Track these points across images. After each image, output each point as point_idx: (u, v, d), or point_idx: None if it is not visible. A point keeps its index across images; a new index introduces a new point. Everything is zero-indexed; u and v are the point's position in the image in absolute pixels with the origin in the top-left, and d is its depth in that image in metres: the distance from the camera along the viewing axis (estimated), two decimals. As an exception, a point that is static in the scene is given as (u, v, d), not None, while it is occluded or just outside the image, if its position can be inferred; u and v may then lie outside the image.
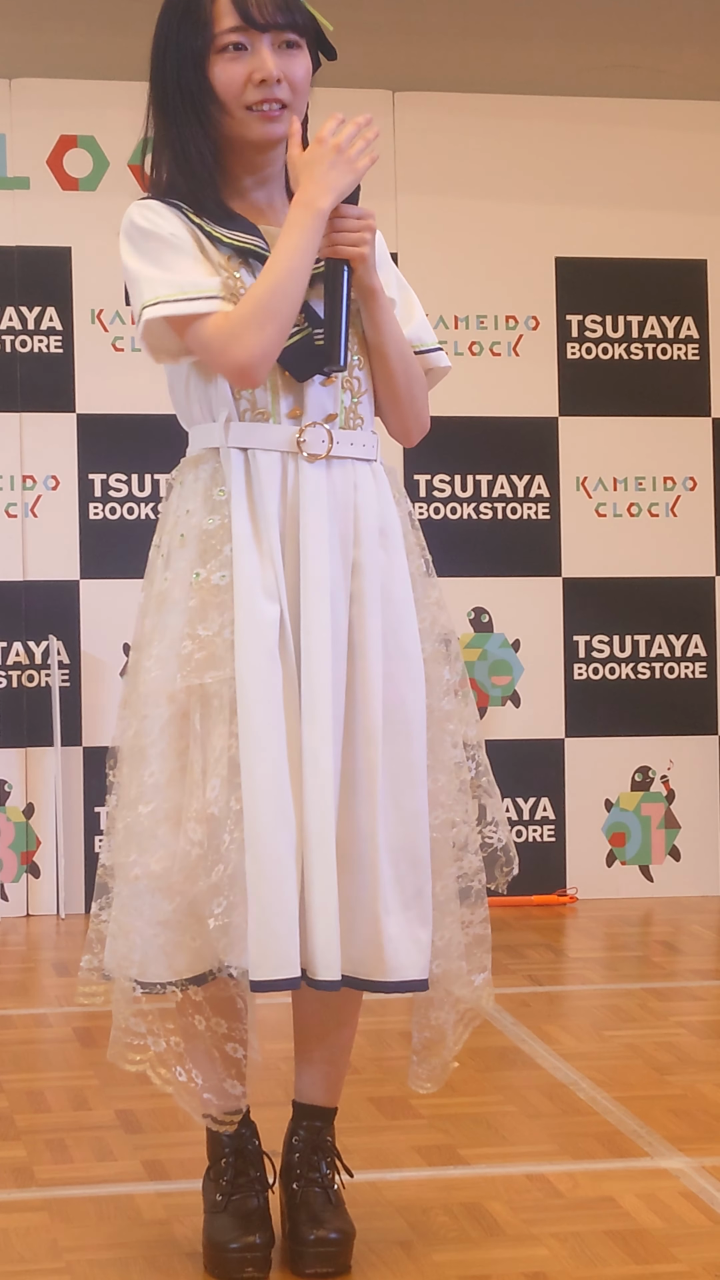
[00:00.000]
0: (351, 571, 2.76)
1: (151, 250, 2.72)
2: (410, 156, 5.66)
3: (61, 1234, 2.99)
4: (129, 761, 2.77)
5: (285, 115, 2.73)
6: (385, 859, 2.74)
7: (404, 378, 2.82)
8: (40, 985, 4.70)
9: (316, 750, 2.70)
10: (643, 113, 5.77)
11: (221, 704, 2.71)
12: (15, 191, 5.52)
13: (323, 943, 2.68)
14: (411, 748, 2.77)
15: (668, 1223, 3.01)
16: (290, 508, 2.74)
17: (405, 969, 2.74)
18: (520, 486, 5.72)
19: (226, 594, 2.72)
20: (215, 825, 2.68)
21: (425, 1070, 2.87)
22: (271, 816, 2.67)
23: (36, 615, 5.51)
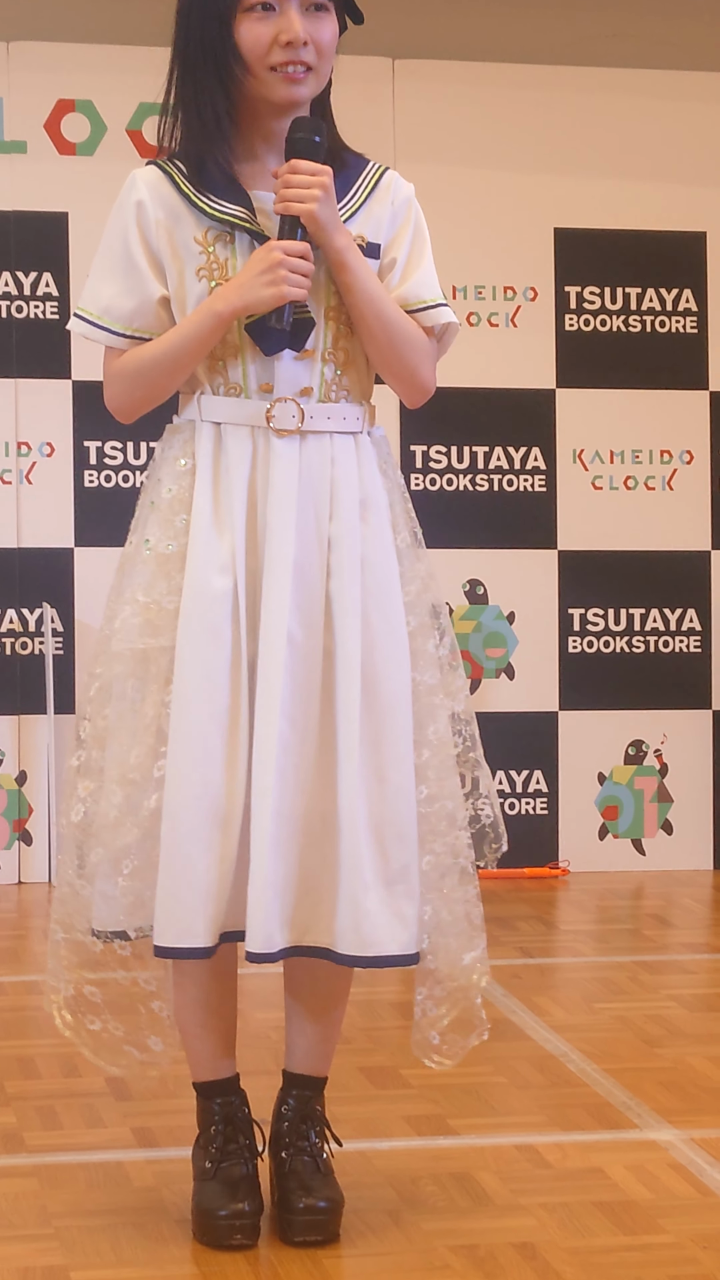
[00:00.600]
0: (328, 546, 2.75)
1: (110, 244, 2.78)
2: (409, 125, 5.63)
3: (51, 1200, 2.99)
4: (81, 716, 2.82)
5: (309, 78, 2.72)
6: (366, 833, 2.73)
7: (384, 338, 2.77)
8: (32, 952, 4.71)
9: (266, 727, 2.70)
10: (644, 83, 5.75)
11: (158, 671, 2.74)
12: (12, 155, 5.49)
13: (257, 916, 2.69)
14: (396, 721, 2.76)
15: (656, 1194, 3.02)
16: (260, 483, 2.74)
17: (385, 944, 2.73)
18: (517, 458, 5.71)
19: (173, 563, 2.75)
20: (134, 789, 2.73)
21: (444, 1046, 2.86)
22: (192, 787, 2.69)
23: (31, 583, 5.50)
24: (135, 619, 2.76)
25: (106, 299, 2.78)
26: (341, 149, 2.81)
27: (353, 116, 3.01)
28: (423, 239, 2.84)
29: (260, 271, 2.69)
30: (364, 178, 2.81)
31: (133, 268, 2.76)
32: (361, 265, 2.75)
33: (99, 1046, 2.84)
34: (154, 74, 2.84)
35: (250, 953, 2.70)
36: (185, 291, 2.75)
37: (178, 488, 2.78)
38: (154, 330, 2.77)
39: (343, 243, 2.72)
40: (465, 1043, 2.86)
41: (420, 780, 2.80)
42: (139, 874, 2.74)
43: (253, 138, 2.78)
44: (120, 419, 2.85)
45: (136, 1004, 2.82)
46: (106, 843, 2.75)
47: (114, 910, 2.76)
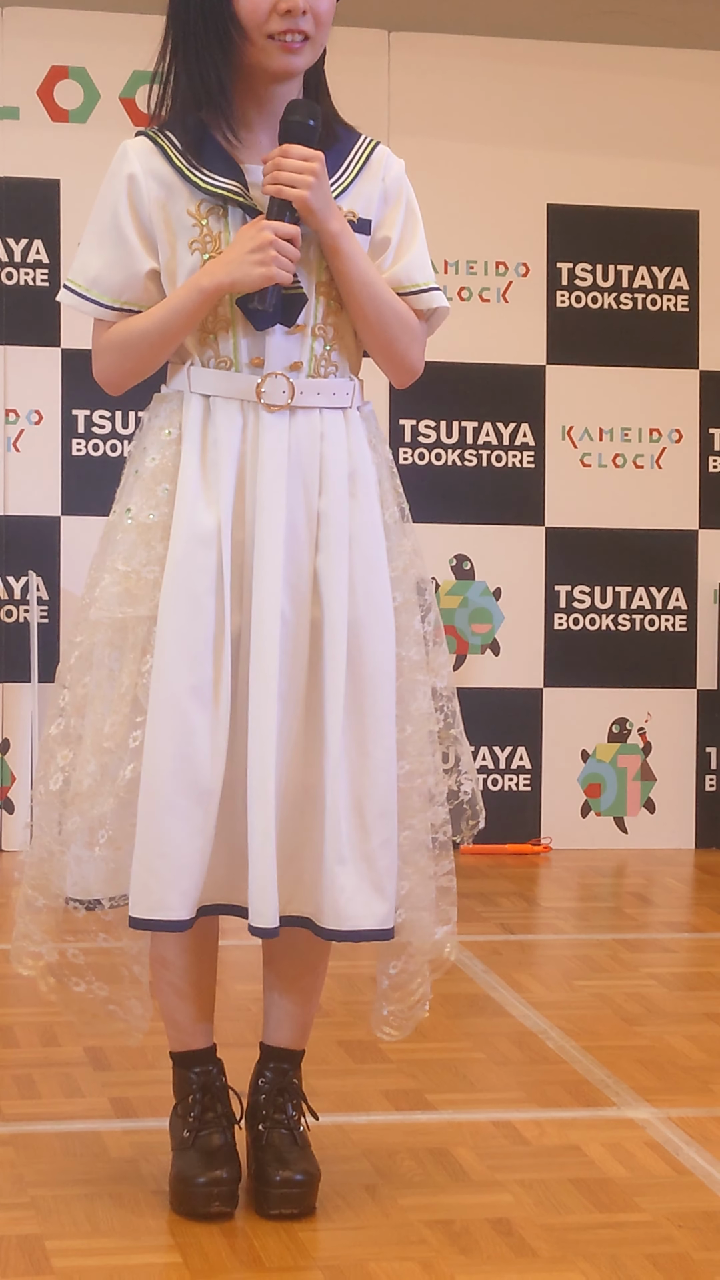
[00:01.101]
0: (317, 521, 2.75)
1: (100, 216, 2.77)
2: (404, 98, 5.61)
3: (27, 1169, 2.99)
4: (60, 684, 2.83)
5: (306, 48, 2.71)
6: (346, 808, 2.73)
7: (376, 321, 2.77)
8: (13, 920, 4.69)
9: (261, 703, 2.69)
10: (641, 60, 5.73)
11: (135, 640, 2.74)
12: (4, 121, 5.47)
13: (256, 889, 2.69)
14: (380, 696, 2.76)
15: (632, 1172, 3.02)
16: (249, 457, 2.73)
17: (360, 919, 2.74)
18: (505, 434, 5.70)
19: (155, 532, 2.74)
20: (110, 759, 2.73)
21: (392, 1018, 2.88)
22: (170, 759, 2.68)
23: (16, 551, 5.48)
24: (115, 588, 2.75)
25: (95, 271, 2.77)
26: (334, 122, 2.80)
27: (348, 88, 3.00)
28: (414, 219, 2.83)
29: (250, 250, 2.68)
30: (355, 153, 2.80)
31: (122, 241, 2.75)
32: (355, 249, 2.74)
33: (83, 1009, 2.84)
34: (148, 41, 2.82)
35: (255, 927, 2.70)
36: (177, 264, 2.74)
37: (161, 457, 2.77)
38: (143, 303, 2.76)
39: (336, 227, 2.72)
40: (413, 1015, 2.87)
41: (400, 755, 2.81)
42: (114, 843, 2.74)
43: (247, 106, 2.76)
44: (108, 391, 2.84)
45: (119, 967, 2.83)
46: (84, 811, 2.75)
47: (89, 878, 2.75)
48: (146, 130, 2.78)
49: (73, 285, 2.79)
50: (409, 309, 2.81)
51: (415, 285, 2.82)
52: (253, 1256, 2.69)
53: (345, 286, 2.74)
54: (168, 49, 2.76)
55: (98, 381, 2.83)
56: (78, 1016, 2.85)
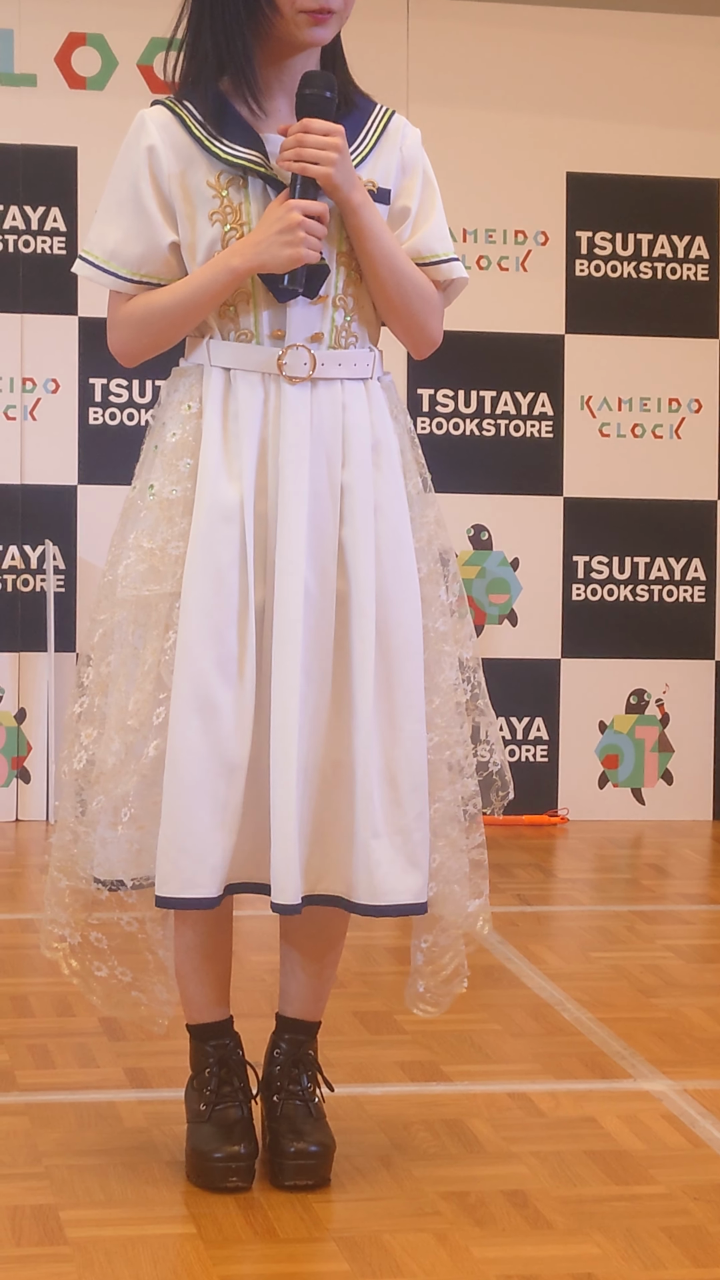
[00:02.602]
0: (340, 493, 2.73)
1: (118, 186, 2.75)
2: (423, 66, 5.58)
3: (41, 1139, 3.00)
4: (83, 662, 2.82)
5: (333, 20, 2.69)
6: (379, 781, 2.73)
7: (396, 292, 2.76)
8: (28, 890, 4.71)
9: (284, 677, 2.68)
10: (660, 28, 5.69)
11: (158, 617, 2.73)
12: (22, 89, 5.44)
13: (279, 866, 2.68)
14: (409, 668, 2.75)
15: (648, 1144, 3.02)
16: (271, 430, 2.71)
17: (397, 893, 2.73)
18: (524, 404, 5.67)
19: (177, 508, 2.73)
20: (134, 736, 2.72)
21: (428, 994, 2.87)
22: (195, 735, 2.67)
23: (33, 519, 5.48)
24: (140, 565, 2.74)
25: (114, 242, 2.75)
26: (350, 90, 2.78)
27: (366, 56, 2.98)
28: (432, 188, 2.82)
29: (279, 231, 2.66)
30: (372, 121, 2.78)
31: (142, 211, 2.73)
32: (376, 220, 2.73)
33: (106, 993, 2.83)
34: (166, 9, 2.80)
35: (277, 904, 2.69)
36: (196, 236, 2.72)
37: (182, 432, 2.75)
38: (162, 276, 2.74)
39: (359, 199, 2.71)
40: (449, 990, 2.86)
41: (429, 728, 2.80)
42: (137, 821, 2.73)
43: (268, 74, 2.74)
44: (124, 363, 2.82)
45: (143, 951, 2.82)
46: (108, 790, 2.73)
47: (113, 858, 2.75)
48: (164, 99, 2.76)
49: (89, 256, 2.77)
50: (428, 280, 2.80)
51: (435, 255, 2.81)
52: (267, 1228, 2.69)
53: (366, 258, 2.73)
54: (190, 16, 2.74)
55: (113, 353, 2.82)
56: (101, 1001, 2.84)
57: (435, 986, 2.87)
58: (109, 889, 2.76)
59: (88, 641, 2.80)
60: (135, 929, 2.80)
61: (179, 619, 2.71)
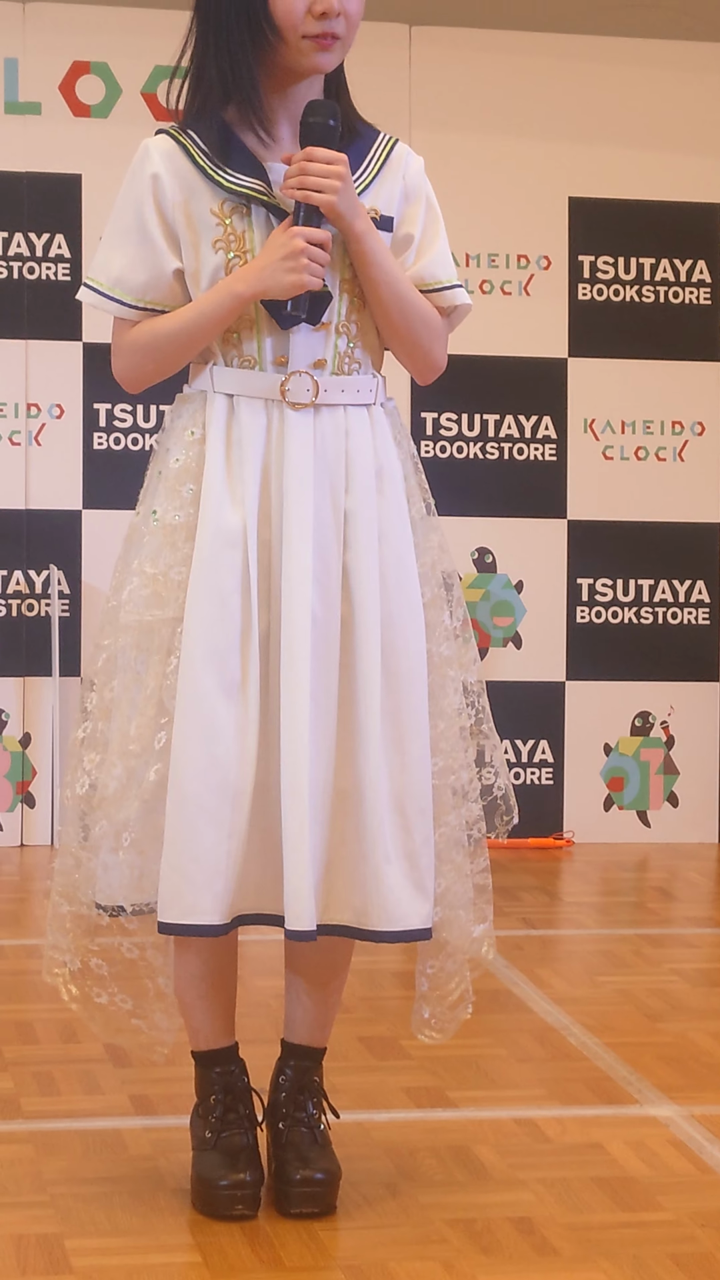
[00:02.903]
0: (344, 519, 2.74)
1: (122, 214, 2.76)
2: (425, 92, 5.60)
3: (46, 1166, 2.99)
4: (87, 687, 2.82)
5: (336, 48, 2.70)
6: (387, 807, 2.73)
7: (400, 319, 2.77)
8: (33, 916, 4.70)
9: (293, 701, 2.68)
10: (661, 53, 5.70)
11: (160, 642, 2.73)
12: (27, 116, 5.46)
13: (291, 893, 2.67)
14: (413, 693, 2.76)
15: (655, 1170, 3.01)
16: (274, 455, 2.72)
17: (407, 918, 2.73)
18: (527, 427, 5.68)
19: (180, 533, 2.74)
20: (135, 761, 2.72)
21: (434, 1020, 2.86)
22: (199, 761, 2.67)
23: (38, 544, 5.48)
24: (143, 590, 2.75)
25: (118, 270, 2.76)
26: (353, 119, 2.79)
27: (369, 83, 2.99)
28: (436, 216, 2.83)
29: (283, 258, 2.67)
30: (375, 150, 2.79)
31: (146, 239, 2.74)
32: (380, 248, 2.74)
33: (106, 1020, 2.83)
34: (170, 37, 2.81)
35: (292, 931, 2.68)
36: (200, 263, 2.73)
37: (185, 457, 2.76)
38: (166, 303, 2.75)
39: (362, 227, 2.71)
40: (455, 1016, 2.86)
41: (434, 752, 2.80)
42: (138, 846, 2.73)
43: (271, 102, 2.75)
44: (128, 389, 2.83)
45: (143, 978, 2.81)
46: (109, 815, 2.74)
47: (114, 884, 2.75)
48: (168, 128, 2.77)
49: (94, 284, 2.78)
50: (432, 307, 2.81)
51: (438, 282, 2.82)
52: (273, 1256, 2.68)
53: (370, 286, 2.74)
54: (195, 44, 2.75)
55: (118, 380, 2.82)
56: (101, 1028, 2.84)
57: (441, 1012, 2.86)
58: (110, 915, 2.76)
59: (91, 666, 2.81)
60: (136, 956, 2.80)
61: (181, 643, 2.71)
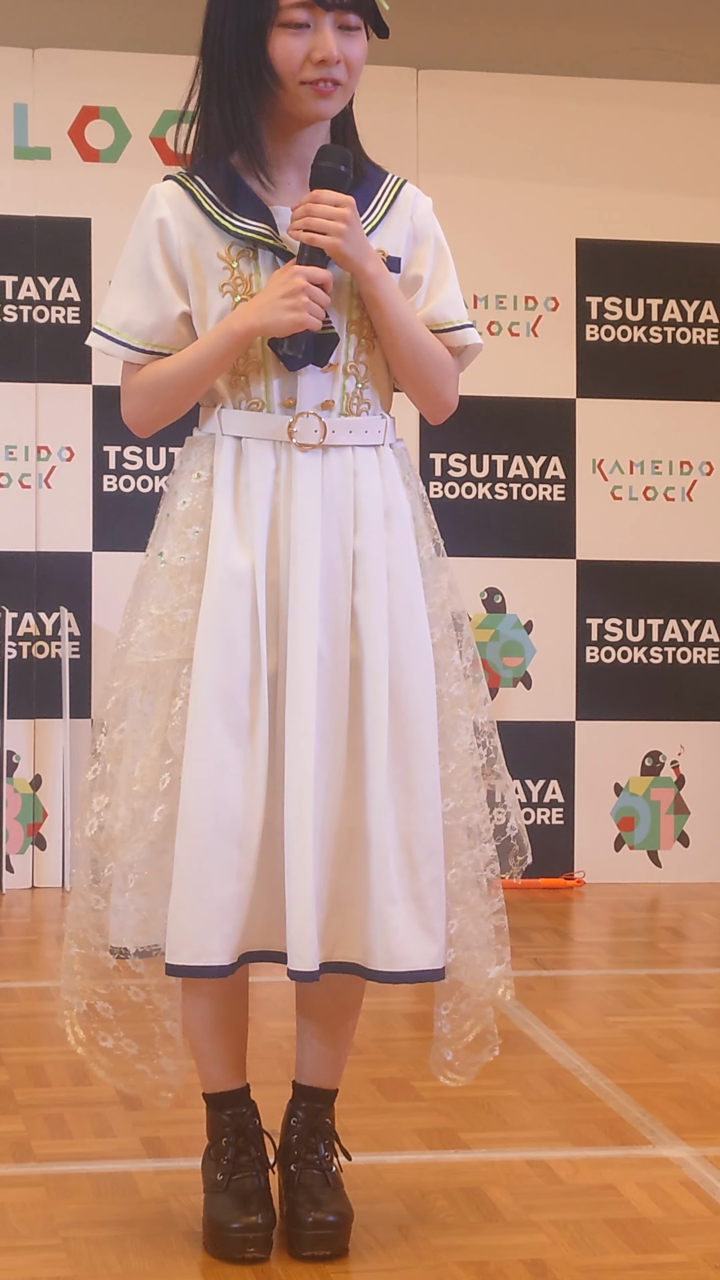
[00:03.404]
0: (353, 559, 2.74)
1: (130, 260, 2.78)
2: (433, 135, 5.63)
3: (58, 1210, 2.99)
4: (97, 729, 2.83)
5: (338, 94, 2.71)
6: (394, 847, 2.72)
7: (411, 359, 2.78)
8: (44, 958, 4.70)
9: (299, 741, 2.68)
10: (665, 96, 5.74)
11: (166, 684, 2.74)
12: (36, 162, 5.50)
13: (294, 933, 2.67)
14: (422, 733, 2.76)
15: (668, 1212, 3.00)
16: (282, 497, 2.73)
17: (414, 959, 2.72)
18: (536, 467, 5.70)
19: (186, 575, 2.74)
20: (141, 803, 2.72)
21: (457, 1062, 2.85)
22: (208, 802, 2.67)
23: (48, 586, 5.50)
24: (149, 632, 2.75)
25: (126, 314, 2.77)
26: (362, 162, 2.81)
27: (376, 127, 3.01)
28: (445, 256, 2.84)
29: (282, 295, 2.68)
30: (383, 192, 2.81)
31: (153, 284, 2.75)
32: (391, 289, 2.74)
33: (112, 1064, 2.82)
34: (178, 82, 2.83)
35: (294, 971, 2.68)
36: (207, 307, 2.75)
37: (193, 500, 2.77)
38: (173, 346, 2.77)
39: (373, 269, 2.72)
40: (478, 1059, 2.85)
41: (445, 793, 2.80)
42: (144, 888, 2.73)
43: (276, 148, 2.77)
44: (137, 433, 2.84)
45: (150, 1022, 2.81)
46: (117, 857, 2.74)
47: (121, 926, 2.75)
48: (176, 175, 2.79)
49: (103, 329, 2.80)
50: (443, 347, 2.82)
51: (449, 323, 2.83)
52: (285, 1299, 2.68)
53: (382, 327, 2.75)
54: (199, 90, 2.77)
55: (126, 423, 2.84)
56: (106, 1072, 2.83)
57: (462, 1054, 2.85)
58: (117, 957, 2.77)
59: (102, 708, 2.82)
60: (143, 999, 2.79)
61: (189, 685, 2.72)
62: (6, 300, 5.48)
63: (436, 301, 2.82)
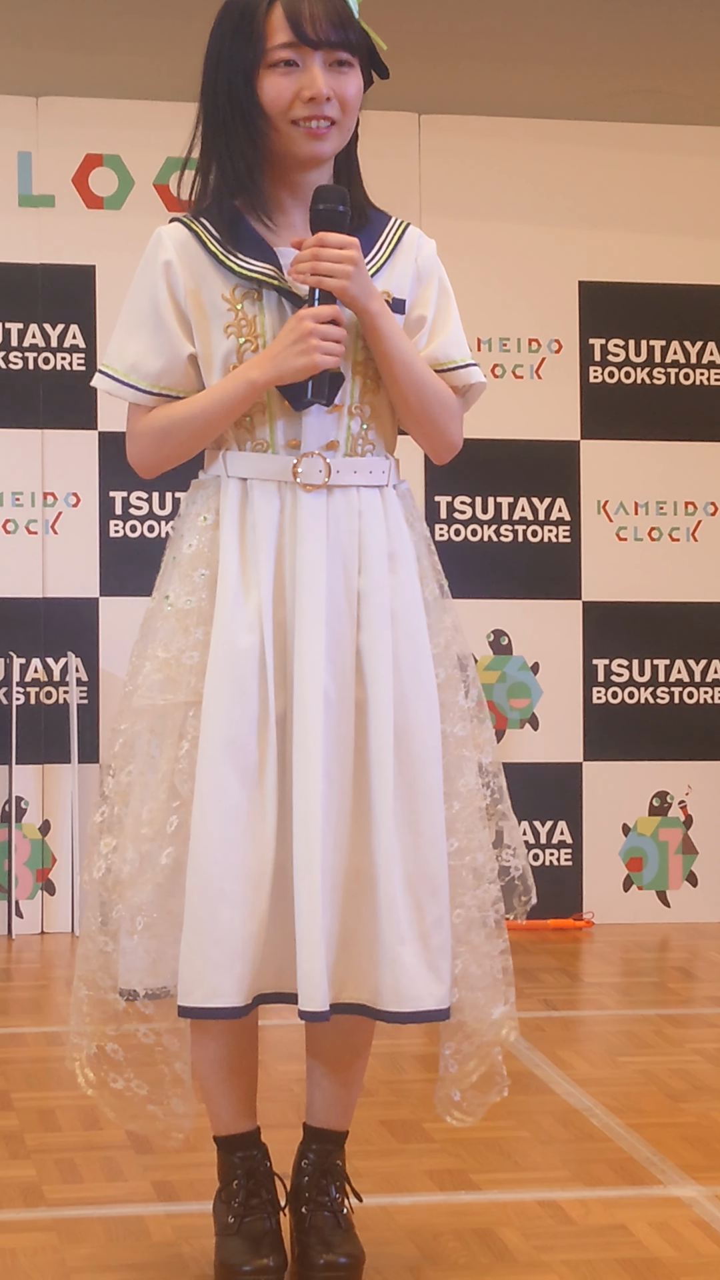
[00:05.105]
0: (357, 600, 2.75)
1: (136, 301, 2.79)
2: (435, 179, 5.66)
3: (70, 1254, 2.98)
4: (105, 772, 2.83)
5: (333, 133, 2.73)
6: (401, 887, 2.73)
7: (416, 400, 2.79)
8: (54, 1003, 4.70)
9: (306, 782, 2.69)
10: (665, 138, 5.77)
11: (173, 726, 2.75)
12: (40, 209, 5.53)
13: (304, 974, 2.67)
14: (427, 773, 2.76)
15: (680, 1252, 3.00)
16: (288, 537, 2.74)
17: (422, 999, 2.72)
18: (541, 509, 5.71)
19: (192, 618, 2.75)
20: (149, 845, 2.73)
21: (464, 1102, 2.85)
22: (218, 844, 2.68)
23: (56, 632, 5.51)
24: (155, 675, 2.76)
25: (133, 356, 2.79)
26: (365, 204, 2.82)
27: (379, 170, 3.03)
28: (448, 297, 2.85)
29: (292, 342, 2.69)
30: (387, 234, 2.82)
31: (161, 326, 2.77)
32: (395, 330, 2.76)
33: (122, 1106, 2.82)
34: (181, 129, 2.85)
35: (305, 1011, 2.68)
36: (212, 349, 2.77)
37: (198, 543, 2.78)
38: (181, 388, 2.78)
39: (377, 308, 2.73)
40: (485, 1099, 2.85)
41: (450, 833, 2.80)
42: (153, 930, 2.73)
43: (279, 190, 2.79)
44: (143, 475, 2.85)
45: (160, 1063, 2.81)
46: (125, 899, 2.74)
47: (129, 968, 2.75)
48: (181, 216, 2.81)
49: (109, 370, 2.81)
50: (447, 386, 2.83)
51: (452, 362, 2.84)
52: (298, 1341, 2.67)
53: (385, 367, 2.76)
54: (199, 136, 2.79)
55: (132, 465, 2.85)
56: (116, 1114, 2.83)
57: (469, 1094, 2.85)
58: (126, 999, 2.77)
59: (109, 751, 2.82)
60: (153, 1041, 2.79)
61: (198, 728, 2.72)
62: (12, 347, 5.51)
63: (440, 341, 2.83)
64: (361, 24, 2.74)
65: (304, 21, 2.67)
